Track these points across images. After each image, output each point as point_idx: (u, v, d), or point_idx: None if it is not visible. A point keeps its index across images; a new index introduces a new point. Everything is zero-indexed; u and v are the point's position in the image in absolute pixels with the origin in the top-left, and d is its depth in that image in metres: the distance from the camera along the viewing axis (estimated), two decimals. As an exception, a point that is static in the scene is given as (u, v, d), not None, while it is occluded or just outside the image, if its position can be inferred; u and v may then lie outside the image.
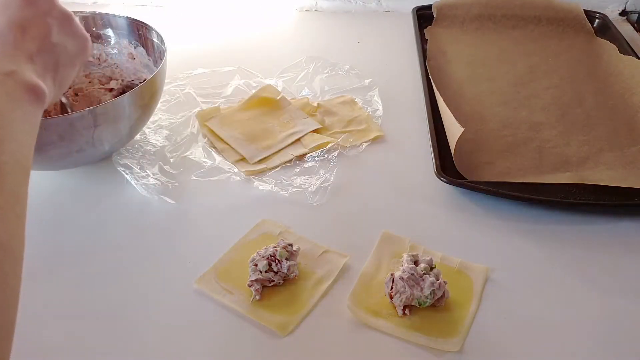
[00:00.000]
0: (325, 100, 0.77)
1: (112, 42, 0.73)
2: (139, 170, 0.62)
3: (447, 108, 0.66)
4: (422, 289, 0.48)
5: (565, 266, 0.54)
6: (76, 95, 0.71)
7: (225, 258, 0.53)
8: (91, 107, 0.54)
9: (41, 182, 0.63)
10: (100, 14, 0.72)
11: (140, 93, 0.58)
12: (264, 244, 0.52)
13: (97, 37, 0.73)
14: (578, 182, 0.60)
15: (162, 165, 0.64)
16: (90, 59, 0.73)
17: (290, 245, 0.52)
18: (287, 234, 0.56)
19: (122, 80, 0.72)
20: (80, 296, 0.50)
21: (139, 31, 0.70)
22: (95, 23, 0.72)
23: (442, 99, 0.69)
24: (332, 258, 0.53)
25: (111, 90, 0.72)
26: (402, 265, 0.50)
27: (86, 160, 0.62)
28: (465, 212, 0.59)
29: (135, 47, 0.71)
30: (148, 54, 0.71)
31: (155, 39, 0.68)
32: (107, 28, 0.72)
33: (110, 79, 0.73)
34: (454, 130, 0.63)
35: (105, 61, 0.73)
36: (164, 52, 0.65)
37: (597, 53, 0.88)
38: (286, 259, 0.50)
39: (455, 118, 0.64)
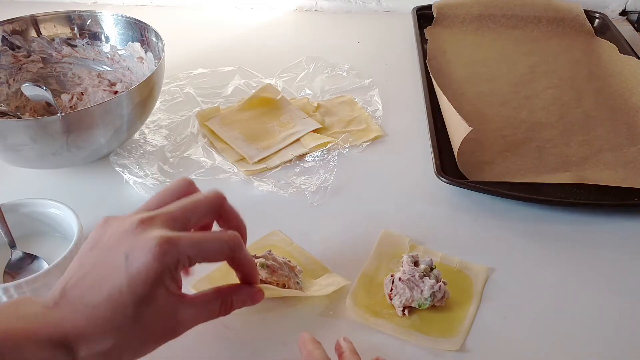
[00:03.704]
0: (325, 100, 0.77)
1: (122, 44, 0.73)
2: (137, 170, 0.62)
3: (451, 107, 0.66)
4: (421, 291, 0.48)
5: (565, 266, 0.54)
6: (82, 94, 0.71)
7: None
8: (64, 113, 0.54)
9: (39, 182, 0.63)
10: (100, 14, 0.72)
11: (122, 102, 0.58)
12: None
13: (96, 38, 0.73)
14: (578, 182, 0.60)
15: (161, 165, 0.64)
16: (104, 58, 0.74)
17: (288, 262, 0.50)
18: (293, 249, 0.54)
19: (131, 84, 0.72)
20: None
21: (140, 31, 0.71)
22: (95, 23, 0.73)
23: (445, 98, 0.69)
24: (334, 277, 0.51)
25: (116, 92, 0.72)
26: (402, 266, 0.50)
27: (72, 162, 0.62)
28: (465, 212, 0.59)
29: (145, 52, 0.71)
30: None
31: (154, 39, 0.68)
32: (108, 28, 0.73)
33: (120, 80, 0.73)
34: (459, 129, 0.62)
35: (117, 62, 0.74)
36: (162, 50, 0.65)
37: (597, 53, 0.88)
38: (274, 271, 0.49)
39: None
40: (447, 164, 0.63)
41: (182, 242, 0.37)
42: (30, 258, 0.51)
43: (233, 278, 0.49)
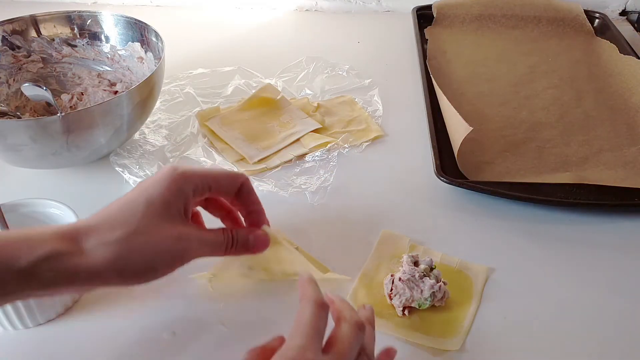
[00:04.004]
0: (325, 100, 0.77)
1: (122, 44, 0.73)
2: (137, 170, 0.62)
3: (451, 107, 0.66)
4: (421, 291, 0.48)
5: (565, 266, 0.54)
6: (82, 94, 0.71)
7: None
8: (64, 113, 0.54)
9: (39, 182, 0.63)
10: (100, 14, 0.72)
11: (122, 102, 0.58)
12: None
13: (96, 38, 0.73)
14: (578, 182, 0.60)
15: (161, 165, 0.64)
16: (104, 58, 0.74)
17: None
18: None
19: (131, 84, 0.72)
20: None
21: (140, 31, 0.71)
22: (95, 23, 0.73)
23: (445, 98, 0.69)
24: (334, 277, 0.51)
25: (116, 92, 0.72)
26: (402, 267, 0.50)
27: (72, 162, 0.62)
28: (465, 212, 0.59)
29: (145, 52, 0.71)
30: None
31: (154, 39, 0.68)
32: (108, 28, 0.73)
33: (120, 80, 0.73)
34: (459, 129, 0.62)
35: (117, 62, 0.74)
36: (162, 50, 0.65)
37: (597, 53, 0.88)
38: None
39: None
40: (447, 164, 0.63)
41: (194, 168, 0.42)
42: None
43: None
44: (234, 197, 0.46)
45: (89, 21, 0.72)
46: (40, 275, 0.35)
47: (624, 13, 1.03)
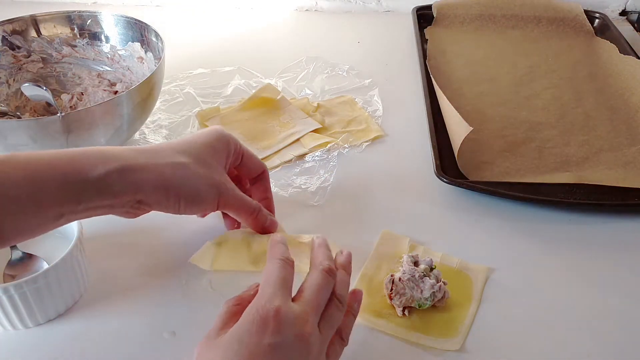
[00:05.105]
0: (325, 100, 0.77)
1: (122, 44, 0.73)
2: (138, 170, 0.62)
3: (451, 107, 0.66)
4: (422, 291, 0.48)
5: (565, 266, 0.54)
6: (82, 94, 0.71)
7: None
8: (64, 113, 0.54)
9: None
10: (100, 14, 0.72)
11: (122, 102, 0.58)
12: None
13: (96, 38, 0.73)
14: (578, 182, 0.60)
15: (162, 165, 0.64)
16: (104, 58, 0.74)
17: None
18: None
19: (131, 84, 0.72)
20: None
21: (140, 31, 0.71)
22: (95, 23, 0.73)
23: (445, 98, 0.69)
24: None
25: (116, 92, 0.72)
26: (402, 266, 0.50)
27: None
28: (465, 212, 0.59)
29: (145, 52, 0.71)
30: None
31: (154, 39, 0.68)
32: (108, 28, 0.73)
33: (120, 80, 0.73)
34: (459, 129, 0.63)
35: (117, 62, 0.74)
36: (162, 50, 0.65)
37: (597, 53, 0.88)
38: None
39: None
40: (447, 164, 0.63)
41: None
42: (30, 258, 0.51)
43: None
44: (252, 180, 0.54)
45: (89, 21, 0.72)
46: (111, 185, 0.41)
47: (624, 13, 1.03)
